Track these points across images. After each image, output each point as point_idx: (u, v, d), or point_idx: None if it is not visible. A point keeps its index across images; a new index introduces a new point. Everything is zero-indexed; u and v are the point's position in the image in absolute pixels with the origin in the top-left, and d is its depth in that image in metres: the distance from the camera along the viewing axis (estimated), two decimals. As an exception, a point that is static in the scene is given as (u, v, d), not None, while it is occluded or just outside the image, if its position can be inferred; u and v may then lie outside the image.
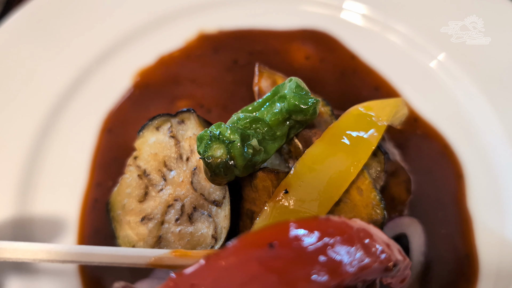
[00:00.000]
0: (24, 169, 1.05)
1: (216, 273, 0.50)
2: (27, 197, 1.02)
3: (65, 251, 0.61)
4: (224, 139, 0.70)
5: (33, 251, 0.60)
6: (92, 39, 1.19)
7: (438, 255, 0.99)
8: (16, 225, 0.99)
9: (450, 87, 1.14)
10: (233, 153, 0.70)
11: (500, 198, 1.04)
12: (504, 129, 1.08)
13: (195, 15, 1.24)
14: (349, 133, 0.80)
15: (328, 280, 0.49)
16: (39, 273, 0.96)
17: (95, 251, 0.63)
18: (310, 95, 0.77)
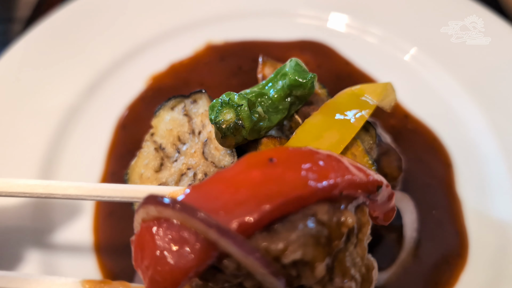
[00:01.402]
0: (46, 158, 1.14)
1: (221, 181, 0.59)
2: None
3: (92, 187, 0.69)
4: (233, 103, 0.81)
5: (64, 187, 0.69)
6: (111, 47, 1.31)
7: (430, 232, 1.06)
8: (37, 207, 1.07)
9: (438, 87, 1.26)
10: (241, 116, 0.80)
11: (486, 183, 1.12)
12: (487, 122, 1.18)
13: (203, 27, 1.37)
14: (343, 108, 0.90)
15: (318, 183, 0.58)
16: (58, 252, 1.03)
17: (118, 187, 0.71)
18: (308, 72, 0.88)
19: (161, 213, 0.58)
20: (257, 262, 0.54)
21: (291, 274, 0.58)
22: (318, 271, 0.55)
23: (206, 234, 0.54)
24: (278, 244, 0.56)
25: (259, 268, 0.54)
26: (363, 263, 0.62)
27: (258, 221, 0.55)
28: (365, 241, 0.63)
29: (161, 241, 0.58)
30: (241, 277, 0.59)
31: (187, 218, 0.55)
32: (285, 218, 0.58)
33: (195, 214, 0.54)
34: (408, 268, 1.03)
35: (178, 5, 1.37)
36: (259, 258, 0.54)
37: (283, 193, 0.57)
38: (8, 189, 0.69)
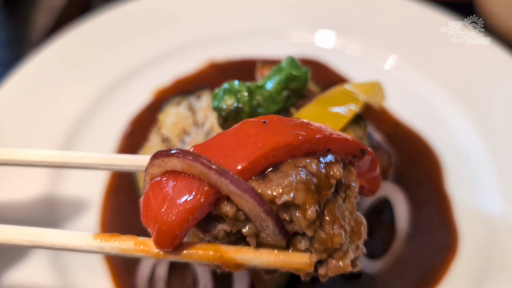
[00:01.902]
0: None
1: (221, 138, 0.66)
2: (57, 180, 1.17)
3: (105, 157, 0.76)
4: (234, 90, 0.89)
5: (79, 157, 0.75)
6: (120, 62, 1.41)
7: (421, 225, 1.12)
8: (46, 202, 1.13)
9: (424, 94, 1.35)
10: (241, 100, 0.88)
11: (474, 181, 1.19)
12: (473, 125, 1.26)
13: (206, 46, 1.48)
14: (335, 101, 0.98)
15: (307, 136, 0.65)
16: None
17: (129, 157, 0.77)
18: (302, 67, 0.97)
19: (167, 163, 0.65)
20: (252, 200, 0.60)
21: (284, 219, 0.63)
22: (309, 214, 0.61)
23: (207, 176, 0.61)
24: (271, 187, 0.62)
25: (254, 207, 0.60)
26: (352, 217, 0.67)
27: (253, 165, 0.62)
28: (353, 197, 0.68)
29: (166, 189, 0.64)
30: (240, 224, 0.65)
31: (190, 163, 0.62)
32: (277, 168, 0.65)
33: (197, 158, 0.61)
34: (400, 257, 1.07)
35: (183, 25, 1.49)
36: (254, 196, 0.60)
37: (275, 141, 0.64)
38: (29, 157, 0.75)
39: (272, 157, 0.64)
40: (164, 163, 0.66)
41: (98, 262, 1.07)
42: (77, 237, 0.67)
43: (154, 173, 0.68)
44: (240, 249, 0.66)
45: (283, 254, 0.66)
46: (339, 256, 0.64)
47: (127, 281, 1.05)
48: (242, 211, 0.64)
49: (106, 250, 0.66)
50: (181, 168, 0.64)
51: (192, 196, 0.62)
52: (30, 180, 1.14)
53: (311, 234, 0.63)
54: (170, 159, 0.65)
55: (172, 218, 0.62)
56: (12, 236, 0.67)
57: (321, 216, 0.63)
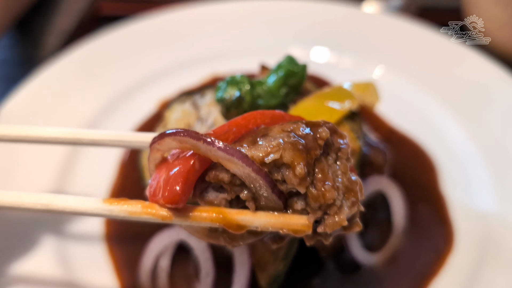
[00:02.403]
0: (62, 167, 1.25)
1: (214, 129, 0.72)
2: (65, 173, 1.22)
3: (114, 133, 0.81)
4: (237, 81, 0.95)
5: (90, 133, 0.80)
6: (127, 75, 1.48)
7: (417, 221, 1.15)
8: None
9: (417, 103, 1.41)
10: (243, 90, 0.94)
11: (468, 182, 1.23)
12: (466, 130, 1.31)
13: (209, 60, 1.55)
14: (332, 97, 1.04)
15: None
16: (71, 240, 1.11)
17: (137, 134, 0.82)
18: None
19: (162, 144, 0.70)
20: (240, 162, 0.64)
21: (277, 179, 0.67)
22: (298, 171, 0.65)
23: (198, 148, 0.65)
24: (260, 150, 0.67)
25: (244, 168, 0.64)
26: (346, 177, 0.71)
27: (244, 122, 0.69)
28: (345, 159, 0.72)
29: (167, 168, 0.69)
30: (237, 189, 0.69)
31: (181, 139, 0.66)
32: (266, 134, 0.70)
33: (186, 133, 0.66)
34: (397, 251, 1.10)
35: (187, 41, 1.57)
36: (241, 157, 0.64)
37: (263, 118, 0.71)
38: (44, 134, 0.80)
39: (260, 120, 0.70)
40: (160, 145, 0.71)
41: (101, 255, 1.09)
42: (87, 201, 0.70)
43: (156, 158, 0.73)
44: (242, 212, 0.69)
45: (282, 216, 0.69)
46: (334, 212, 0.67)
47: (130, 274, 1.07)
48: (237, 176, 0.68)
49: (114, 213, 0.70)
50: (175, 147, 0.69)
51: (189, 165, 0.67)
52: (36, 180, 1.18)
53: (304, 191, 0.66)
54: (164, 139, 0.70)
55: (175, 173, 0.66)
56: (26, 200, 0.70)
57: (312, 174, 0.67)
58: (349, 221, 0.71)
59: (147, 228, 1.09)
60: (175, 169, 0.68)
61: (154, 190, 0.71)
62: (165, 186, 0.68)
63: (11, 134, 0.82)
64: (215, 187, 0.72)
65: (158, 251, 1.05)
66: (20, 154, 1.21)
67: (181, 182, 0.66)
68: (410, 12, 1.69)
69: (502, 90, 1.35)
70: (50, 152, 1.24)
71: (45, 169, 1.22)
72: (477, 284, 1.02)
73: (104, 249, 1.11)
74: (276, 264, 0.98)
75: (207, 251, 1.00)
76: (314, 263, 1.09)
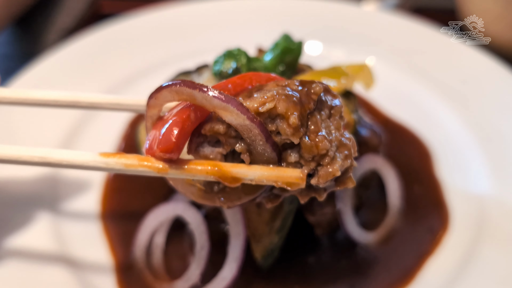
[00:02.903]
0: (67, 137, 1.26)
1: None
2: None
3: (111, 97, 0.82)
4: (234, 55, 0.97)
5: (89, 97, 0.82)
6: (123, 68, 1.49)
7: (412, 202, 1.16)
8: (51, 179, 1.17)
9: (410, 92, 1.43)
10: (240, 62, 0.95)
11: (462, 166, 1.23)
12: (459, 116, 1.33)
13: (203, 55, 1.55)
14: (328, 75, 1.06)
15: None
16: (67, 217, 1.12)
17: (133, 98, 0.84)
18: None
19: (159, 98, 0.71)
20: (235, 109, 0.65)
21: (271, 130, 0.68)
22: (292, 120, 0.66)
23: (194, 98, 0.67)
24: (256, 101, 0.68)
25: (238, 116, 0.65)
26: (339, 133, 0.72)
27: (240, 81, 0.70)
28: (338, 117, 0.73)
29: (163, 123, 0.71)
30: (232, 141, 0.70)
31: (178, 89, 0.68)
32: (261, 88, 0.71)
33: (182, 83, 0.67)
34: (393, 230, 1.10)
35: (185, 34, 1.59)
36: (236, 105, 0.65)
37: (258, 79, 0.73)
38: (42, 97, 0.81)
39: (256, 81, 0.71)
40: (158, 100, 0.72)
41: (96, 232, 1.09)
42: (83, 155, 0.71)
43: (153, 115, 0.74)
44: (237, 165, 0.70)
45: (276, 169, 0.70)
46: (327, 163, 0.68)
47: (124, 251, 1.06)
48: (232, 127, 0.69)
49: (111, 165, 0.70)
50: (172, 99, 0.71)
51: (183, 110, 0.68)
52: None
53: (297, 142, 0.67)
54: (160, 92, 0.71)
55: (170, 124, 0.68)
56: (23, 153, 0.71)
57: (305, 127, 0.68)
58: (342, 175, 0.72)
59: (142, 206, 1.09)
60: (171, 120, 0.69)
61: (150, 144, 0.72)
62: (161, 137, 0.69)
63: (12, 96, 0.83)
64: (211, 142, 0.73)
65: (153, 228, 1.05)
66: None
67: (176, 131, 0.67)
68: (405, 10, 1.73)
69: (494, 78, 1.37)
70: (50, 126, 1.25)
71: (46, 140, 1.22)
72: (473, 263, 1.02)
73: (99, 226, 1.11)
74: (271, 237, 0.98)
75: (202, 225, 1.00)
76: (309, 241, 1.09)
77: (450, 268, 1.03)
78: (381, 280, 1.03)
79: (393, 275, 1.04)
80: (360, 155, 1.09)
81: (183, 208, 1.03)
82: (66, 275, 0.99)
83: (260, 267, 1.02)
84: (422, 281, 1.02)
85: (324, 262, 1.06)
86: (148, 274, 1.02)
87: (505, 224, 1.09)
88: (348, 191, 1.06)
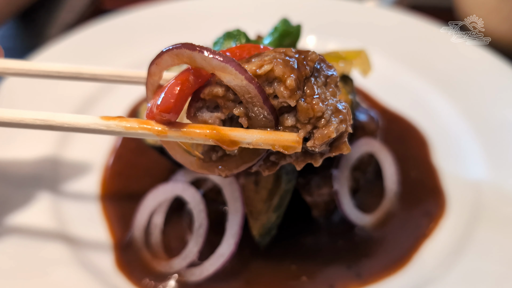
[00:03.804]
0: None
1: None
2: (63, 143, 1.24)
3: (113, 69, 0.84)
4: (233, 35, 0.99)
5: (91, 69, 0.84)
6: (124, 60, 1.51)
7: (409, 187, 1.17)
8: (51, 163, 1.19)
9: (408, 83, 1.45)
10: (240, 43, 0.97)
11: (458, 154, 1.25)
12: (455, 106, 1.35)
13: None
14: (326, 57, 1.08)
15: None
16: (67, 198, 1.13)
17: (135, 71, 0.86)
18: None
19: (160, 64, 0.73)
20: (233, 69, 0.67)
21: (269, 93, 0.70)
22: (288, 83, 0.68)
23: (194, 59, 0.68)
24: (254, 64, 0.70)
25: (237, 76, 0.67)
26: (335, 101, 0.74)
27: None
28: (333, 85, 0.75)
29: (163, 88, 0.72)
30: (230, 105, 0.71)
31: (178, 52, 0.70)
32: (260, 54, 0.73)
33: (182, 45, 0.69)
34: (390, 213, 1.11)
35: (186, 28, 1.62)
36: (235, 65, 0.67)
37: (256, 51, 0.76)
38: (46, 68, 0.83)
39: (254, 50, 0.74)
40: (159, 65, 0.74)
41: (96, 212, 1.10)
42: (85, 118, 0.72)
43: (154, 82, 0.76)
44: (235, 128, 0.72)
45: (273, 132, 0.71)
46: (323, 125, 0.69)
47: (123, 231, 1.07)
48: (231, 91, 0.70)
49: (111, 128, 0.72)
50: (173, 63, 0.72)
51: (182, 74, 0.70)
52: (38, 141, 1.20)
53: (294, 104, 0.69)
54: (161, 57, 0.73)
55: (170, 86, 0.69)
56: (26, 116, 0.72)
57: (302, 91, 0.70)
58: (337, 140, 0.73)
59: (141, 190, 1.10)
60: (170, 83, 0.71)
61: (151, 108, 0.73)
62: (160, 99, 0.70)
63: (14, 67, 0.85)
64: (209, 107, 0.74)
65: (152, 208, 1.06)
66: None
67: (175, 92, 0.69)
68: (402, 7, 1.76)
69: (488, 68, 1.40)
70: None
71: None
72: (469, 245, 1.03)
73: (98, 207, 1.12)
74: (269, 214, 0.99)
75: (201, 204, 1.00)
76: (306, 223, 1.10)
77: (446, 249, 1.03)
78: (378, 261, 1.04)
79: (390, 256, 1.04)
80: (357, 139, 1.11)
81: (182, 188, 1.04)
82: (66, 252, 1.00)
83: (257, 245, 1.02)
84: (419, 262, 1.03)
85: (321, 243, 1.07)
86: (146, 253, 1.03)
87: (500, 207, 1.10)
88: (345, 173, 1.07)
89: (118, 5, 1.86)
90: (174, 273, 0.98)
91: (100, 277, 0.97)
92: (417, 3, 1.82)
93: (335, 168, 1.05)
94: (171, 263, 1.00)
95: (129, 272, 0.99)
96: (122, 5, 1.85)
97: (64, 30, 1.75)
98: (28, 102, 1.29)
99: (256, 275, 1.00)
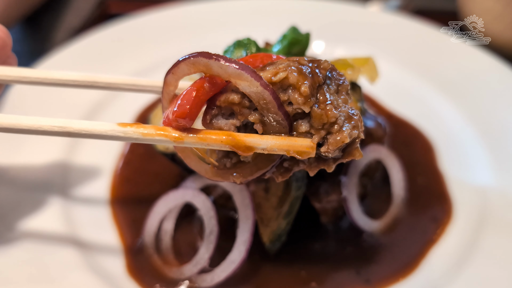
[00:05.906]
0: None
1: None
2: (73, 149, 1.24)
3: (127, 78, 0.85)
4: (244, 43, 1.00)
5: (106, 77, 0.85)
6: (131, 65, 1.52)
7: (416, 193, 1.18)
8: (63, 168, 1.19)
9: (414, 89, 1.46)
10: (250, 51, 0.98)
11: (465, 160, 1.26)
12: (462, 112, 1.36)
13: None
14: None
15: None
16: (77, 203, 1.13)
17: (148, 80, 0.87)
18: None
19: (177, 73, 0.74)
20: (249, 76, 0.68)
21: (283, 100, 0.71)
22: (303, 89, 0.69)
23: (210, 68, 0.70)
24: (269, 72, 0.71)
25: (252, 83, 0.68)
26: (347, 107, 0.75)
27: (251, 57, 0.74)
28: (345, 93, 0.76)
29: (181, 94, 0.73)
30: (246, 111, 0.72)
31: (194, 60, 0.71)
32: (274, 63, 0.75)
33: (198, 53, 0.70)
34: (397, 219, 1.12)
35: (193, 33, 1.63)
36: (250, 72, 0.68)
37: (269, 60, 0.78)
38: (62, 77, 0.84)
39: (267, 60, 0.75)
40: (175, 74, 0.75)
41: (106, 217, 1.11)
42: (102, 125, 0.73)
43: (170, 91, 0.77)
44: (250, 134, 0.73)
45: (288, 138, 0.72)
46: (336, 130, 0.70)
47: (133, 237, 1.08)
48: (246, 98, 0.72)
49: (129, 134, 0.73)
50: (189, 72, 0.73)
51: (198, 81, 0.71)
52: (48, 147, 1.21)
53: (308, 110, 0.70)
54: (178, 66, 0.74)
55: (186, 93, 0.70)
56: (43, 123, 0.73)
57: (315, 97, 0.71)
58: (350, 145, 0.74)
59: (150, 196, 1.11)
60: (186, 90, 0.72)
61: (167, 115, 0.74)
62: (176, 105, 0.71)
63: (29, 76, 0.85)
64: (225, 114, 0.75)
65: (162, 214, 1.07)
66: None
67: (191, 98, 0.70)
68: (407, 11, 1.77)
69: (494, 74, 1.41)
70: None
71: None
72: (476, 251, 1.04)
73: (108, 212, 1.13)
74: (279, 221, 1.00)
75: (212, 210, 1.01)
76: (315, 229, 1.10)
77: (454, 254, 1.04)
78: (387, 266, 1.04)
79: (398, 261, 1.05)
80: (365, 145, 1.12)
81: (192, 195, 1.04)
82: (77, 257, 1.01)
83: (267, 252, 1.03)
84: (427, 267, 1.03)
85: (329, 248, 1.08)
86: (157, 258, 1.03)
87: (507, 213, 1.10)
88: (353, 179, 1.08)
89: (123, 10, 1.87)
90: (185, 279, 0.99)
91: (111, 283, 0.97)
92: (421, 7, 1.84)
93: (343, 175, 1.06)
94: (182, 269, 1.00)
95: (140, 278, 0.99)
96: (128, 9, 1.86)
97: (70, 34, 1.77)
98: (36, 109, 1.29)
99: (266, 281, 1.01)
